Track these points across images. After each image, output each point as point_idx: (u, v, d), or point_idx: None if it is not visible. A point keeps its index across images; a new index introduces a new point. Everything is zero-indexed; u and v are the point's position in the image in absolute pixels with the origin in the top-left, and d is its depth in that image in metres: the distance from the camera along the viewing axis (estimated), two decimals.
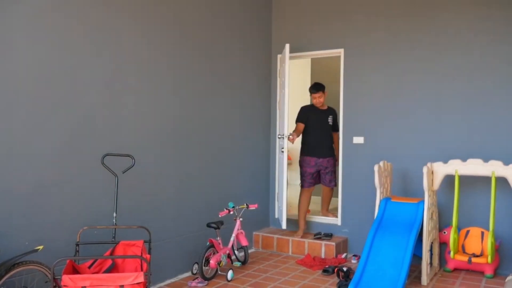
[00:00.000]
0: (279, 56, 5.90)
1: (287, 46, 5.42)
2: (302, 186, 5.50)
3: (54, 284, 2.75)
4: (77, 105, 3.53)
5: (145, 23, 4.13)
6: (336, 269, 4.48)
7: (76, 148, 3.51)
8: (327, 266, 4.67)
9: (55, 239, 3.33)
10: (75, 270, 3.00)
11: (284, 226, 5.37)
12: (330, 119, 5.52)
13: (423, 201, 4.38)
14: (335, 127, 5.60)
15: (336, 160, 5.58)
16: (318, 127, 5.47)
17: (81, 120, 3.56)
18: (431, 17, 5.00)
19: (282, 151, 5.37)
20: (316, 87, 5.46)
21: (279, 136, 5.53)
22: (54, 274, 2.69)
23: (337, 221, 5.52)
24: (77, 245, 3.23)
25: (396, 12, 5.20)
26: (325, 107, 5.57)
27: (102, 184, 3.67)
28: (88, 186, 3.60)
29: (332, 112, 5.61)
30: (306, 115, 5.50)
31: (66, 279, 2.66)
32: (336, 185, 5.57)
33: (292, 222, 5.75)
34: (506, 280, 4.16)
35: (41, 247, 2.98)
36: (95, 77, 3.67)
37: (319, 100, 5.43)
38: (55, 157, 3.37)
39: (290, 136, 5.32)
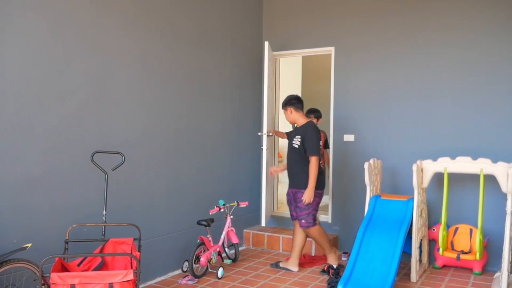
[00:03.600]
0: (265, 54, 5.40)
1: (266, 43, 5.35)
2: None
3: (42, 282, 2.73)
4: (66, 102, 3.50)
5: (134, 21, 4.10)
6: (326, 266, 4.50)
7: (65, 145, 3.49)
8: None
9: (43, 237, 3.31)
10: (64, 268, 2.98)
11: (263, 223, 5.36)
12: (295, 140, 4.47)
13: (412, 199, 4.41)
14: (307, 149, 4.36)
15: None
16: (288, 150, 4.65)
17: (71, 118, 3.54)
18: (421, 15, 5.02)
19: (261, 149, 5.43)
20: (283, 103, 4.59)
21: (259, 134, 5.61)
22: (42, 272, 2.67)
23: (328, 218, 5.54)
24: (66, 242, 3.20)
25: (386, 10, 5.22)
26: (301, 124, 4.56)
27: (92, 181, 3.65)
28: (77, 184, 3.58)
29: (301, 131, 4.45)
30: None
31: (55, 277, 2.64)
32: (311, 226, 4.41)
33: (280, 220, 5.77)
34: (494, 276, 4.21)
35: (29, 245, 2.96)
36: (85, 75, 3.65)
37: (287, 118, 4.63)
38: (44, 154, 3.35)
39: (270, 134, 5.33)
